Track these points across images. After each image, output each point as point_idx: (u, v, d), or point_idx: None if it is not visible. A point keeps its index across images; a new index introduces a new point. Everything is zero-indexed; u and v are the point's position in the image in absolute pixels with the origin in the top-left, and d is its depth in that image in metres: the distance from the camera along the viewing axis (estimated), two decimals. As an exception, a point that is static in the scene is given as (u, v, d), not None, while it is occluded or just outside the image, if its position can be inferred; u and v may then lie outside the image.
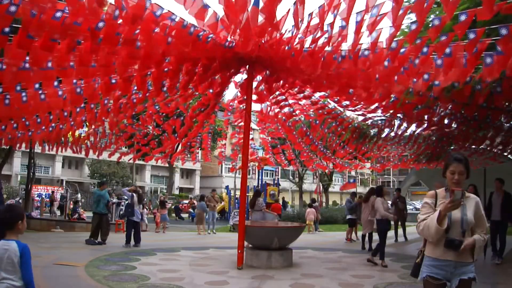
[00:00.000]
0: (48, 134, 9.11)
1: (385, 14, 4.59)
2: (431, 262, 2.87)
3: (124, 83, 6.15)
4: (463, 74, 4.85)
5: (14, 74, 5.03)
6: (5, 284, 2.65)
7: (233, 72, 8.59)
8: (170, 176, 29.47)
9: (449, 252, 2.78)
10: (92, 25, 4.45)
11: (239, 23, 5.30)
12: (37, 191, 26.36)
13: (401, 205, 13.49)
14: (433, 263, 2.86)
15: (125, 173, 36.20)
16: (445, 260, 2.81)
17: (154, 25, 4.96)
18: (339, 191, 47.41)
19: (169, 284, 6.09)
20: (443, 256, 2.81)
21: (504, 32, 4.22)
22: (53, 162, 37.87)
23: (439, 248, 2.83)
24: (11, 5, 3.94)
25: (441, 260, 2.82)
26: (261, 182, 22.39)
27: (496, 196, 8.54)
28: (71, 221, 16.38)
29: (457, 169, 2.82)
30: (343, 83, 7.08)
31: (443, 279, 2.82)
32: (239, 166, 12.73)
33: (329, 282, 6.54)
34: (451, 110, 8.24)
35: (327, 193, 36.36)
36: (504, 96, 6.12)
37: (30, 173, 17.26)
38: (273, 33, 5.92)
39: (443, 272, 2.82)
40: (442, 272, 2.82)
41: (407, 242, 12.75)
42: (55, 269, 7.02)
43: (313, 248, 10.75)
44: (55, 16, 4.22)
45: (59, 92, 6.44)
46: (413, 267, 3.11)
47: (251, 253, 7.93)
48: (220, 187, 41.62)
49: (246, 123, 8.38)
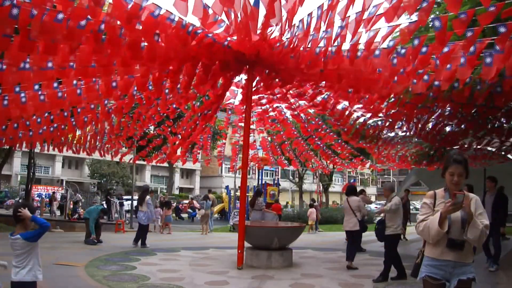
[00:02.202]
0: (49, 135, 9.12)
1: (383, 14, 4.59)
2: (430, 262, 2.87)
3: (124, 83, 6.16)
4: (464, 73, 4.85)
5: (14, 74, 5.04)
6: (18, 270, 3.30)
7: (234, 73, 8.58)
8: (170, 176, 29.49)
9: (449, 252, 2.78)
10: (95, 27, 4.45)
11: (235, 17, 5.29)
12: (37, 191, 26.35)
13: None
14: (432, 263, 2.86)
15: (125, 173, 36.21)
16: (444, 260, 2.80)
17: (154, 26, 4.96)
18: (339, 191, 47.43)
19: (169, 284, 6.10)
20: (442, 256, 2.81)
21: (503, 30, 4.22)
22: (53, 162, 37.89)
23: (438, 248, 2.83)
24: (13, 8, 3.95)
25: (440, 260, 2.82)
26: (261, 182, 22.39)
27: (489, 196, 7.81)
28: (71, 221, 16.39)
29: (457, 170, 2.82)
30: (343, 83, 7.08)
31: (442, 279, 2.82)
32: (239, 166, 12.75)
33: (329, 282, 6.54)
34: (450, 110, 8.24)
35: (327, 193, 36.32)
36: (504, 96, 6.12)
37: (30, 173, 17.27)
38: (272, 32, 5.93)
39: (442, 272, 2.81)
40: (441, 272, 2.82)
41: (407, 242, 12.74)
42: (55, 269, 7.02)
43: (313, 248, 10.76)
44: (57, 19, 4.23)
45: (58, 93, 6.44)
46: (413, 267, 3.11)
47: (251, 253, 7.93)
48: (220, 187, 41.62)
49: (246, 123, 8.39)
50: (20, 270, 3.31)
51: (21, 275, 3.29)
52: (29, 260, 3.35)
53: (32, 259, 3.37)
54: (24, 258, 3.34)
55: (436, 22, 4.39)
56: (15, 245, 3.33)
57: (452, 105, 7.63)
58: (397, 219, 6.61)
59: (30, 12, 4.10)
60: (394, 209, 6.60)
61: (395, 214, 6.61)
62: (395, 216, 6.61)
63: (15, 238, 3.32)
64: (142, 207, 10.78)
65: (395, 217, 6.61)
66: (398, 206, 6.62)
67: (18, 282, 3.29)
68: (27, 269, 3.32)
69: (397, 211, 6.63)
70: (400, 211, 6.70)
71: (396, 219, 6.60)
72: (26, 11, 4.05)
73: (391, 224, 6.61)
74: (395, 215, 6.61)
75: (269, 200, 18.76)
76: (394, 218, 6.61)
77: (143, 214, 10.69)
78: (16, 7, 3.97)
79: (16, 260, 3.34)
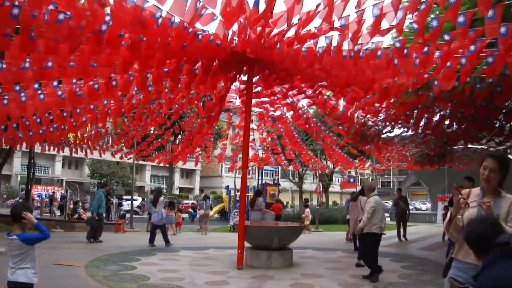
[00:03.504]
0: (49, 135, 9.12)
1: (385, 14, 4.60)
2: (456, 264, 2.75)
3: (124, 83, 6.16)
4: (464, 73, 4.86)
5: (13, 74, 5.04)
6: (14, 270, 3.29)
7: (234, 73, 8.59)
8: (170, 176, 29.48)
9: (470, 254, 2.53)
10: (96, 27, 4.45)
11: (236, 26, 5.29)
12: (37, 191, 26.37)
13: (403, 205, 13.47)
14: (457, 265, 2.74)
15: (125, 173, 36.23)
16: (466, 263, 2.67)
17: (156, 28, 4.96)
18: (339, 191, 47.41)
19: (169, 284, 6.09)
20: (465, 258, 2.67)
21: (503, 30, 4.23)
22: (53, 162, 37.90)
23: (462, 250, 2.69)
24: (13, 7, 3.95)
25: (463, 263, 2.69)
26: (261, 182, 22.39)
27: None
28: (71, 221, 16.38)
29: (490, 165, 2.69)
30: (343, 82, 7.09)
31: (465, 283, 2.66)
32: (239, 166, 12.75)
33: (329, 282, 6.54)
34: (450, 110, 8.24)
35: (327, 193, 36.31)
36: (504, 95, 6.13)
37: (30, 173, 17.26)
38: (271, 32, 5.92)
39: (465, 275, 2.66)
40: (464, 275, 2.67)
41: (407, 242, 12.74)
42: (55, 269, 7.02)
43: (313, 248, 10.75)
44: (58, 19, 4.23)
45: (58, 92, 6.44)
46: (444, 266, 3.00)
47: (251, 253, 7.93)
48: (220, 187, 41.63)
49: (246, 123, 8.39)
50: (16, 271, 3.30)
51: (17, 275, 3.29)
52: (25, 262, 3.33)
53: (29, 262, 3.34)
54: (20, 259, 3.32)
55: (435, 22, 4.41)
56: (11, 245, 3.32)
57: (452, 106, 7.63)
58: (372, 218, 6.64)
59: (31, 12, 4.10)
60: (371, 212, 6.63)
61: (371, 214, 6.64)
62: (371, 217, 6.64)
63: (12, 238, 3.31)
64: (156, 208, 11.02)
65: (370, 217, 6.64)
66: (374, 208, 6.66)
67: (13, 281, 3.28)
68: (22, 271, 3.30)
69: (374, 213, 6.64)
70: (377, 211, 6.65)
71: (371, 219, 6.64)
72: (27, 11, 4.05)
73: (374, 223, 6.64)
74: (371, 215, 6.64)
75: (269, 200, 18.77)
76: (370, 218, 6.64)
77: (157, 215, 10.94)
78: (16, 7, 3.97)
79: (12, 261, 3.32)
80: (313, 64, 6.06)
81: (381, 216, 6.71)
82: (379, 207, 6.74)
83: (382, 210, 6.80)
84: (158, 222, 10.84)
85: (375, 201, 6.75)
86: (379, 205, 6.76)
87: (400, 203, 13.45)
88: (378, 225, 6.65)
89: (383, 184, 67.95)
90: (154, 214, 11.04)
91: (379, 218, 6.68)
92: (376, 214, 6.67)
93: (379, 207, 6.74)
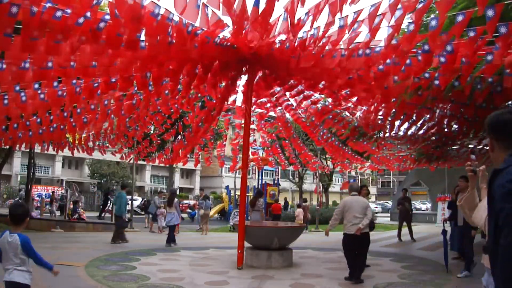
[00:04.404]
0: (49, 135, 9.12)
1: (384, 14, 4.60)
2: None
3: (124, 82, 6.15)
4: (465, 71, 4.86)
5: (13, 74, 5.03)
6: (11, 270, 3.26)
7: (235, 74, 8.58)
8: (170, 176, 29.44)
9: (485, 256, 2.42)
10: (93, 25, 4.44)
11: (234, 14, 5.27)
12: (37, 191, 26.35)
13: (408, 205, 13.43)
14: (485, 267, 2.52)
15: (125, 173, 36.19)
16: (485, 266, 2.47)
17: (155, 26, 4.95)
18: (339, 191, 47.39)
19: (169, 284, 6.09)
20: (483, 260, 2.50)
21: (503, 30, 4.23)
22: (53, 162, 37.86)
23: None
24: (12, 6, 3.94)
25: (485, 266, 2.48)
26: (261, 182, 22.39)
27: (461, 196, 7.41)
28: (71, 221, 16.37)
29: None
30: (343, 82, 7.09)
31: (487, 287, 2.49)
32: (239, 166, 12.74)
33: (329, 282, 6.54)
34: (450, 111, 8.24)
35: (327, 193, 36.29)
36: (504, 95, 6.12)
37: (30, 173, 17.25)
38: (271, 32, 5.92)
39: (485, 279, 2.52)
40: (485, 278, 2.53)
41: (407, 242, 12.72)
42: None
43: (313, 248, 10.75)
44: (56, 16, 4.22)
45: (58, 92, 6.44)
46: None
47: (251, 253, 7.93)
48: (220, 187, 41.60)
49: (246, 123, 8.39)
50: (13, 271, 3.29)
51: (14, 275, 3.28)
52: (25, 265, 3.33)
53: (27, 265, 3.35)
54: (18, 262, 3.30)
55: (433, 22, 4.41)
56: (11, 244, 3.28)
57: (452, 107, 7.63)
58: (344, 220, 6.68)
59: (30, 10, 4.09)
60: (335, 214, 6.77)
61: (337, 215, 6.72)
62: (338, 217, 6.72)
63: (12, 235, 3.28)
64: (171, 208, 11.13)
65: (337, 218, 6.73)
66: (339, 210, 6.74)
67: (10, 282, 3.27)
68: (20, 272, 3.29)
69: (339, 214, 6.69)
70: (345, 212, 6.56)
71: (338, 220, 6.76)
72: (26, 9, 4.04)
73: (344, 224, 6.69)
74: (338, 216, 6.71)
75: (269, 200, 18.77)
76: (336, 219, 6.75)
77: (171, 215, 11.03)
78: (15, 5, 3.96)
79: (11, 262, 3.30)
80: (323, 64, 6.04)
81: (352, 216, 6.46)
82: (347, 208, 6.55)
83: (354, 210, 6.49)
84: (170, 222, 10.95)
85: (343, 202, 6.83)
86: (346, 206, 6.60)
87: (404, 203, 13.40)
88: (347, 225, 6.50)
89: (383, 184, 67.99)
90: (169, 214, 11.19)
91: (348, 218, 6.53)
92: (345, 215, 6.56)
93: (348, 207, 6.53)
